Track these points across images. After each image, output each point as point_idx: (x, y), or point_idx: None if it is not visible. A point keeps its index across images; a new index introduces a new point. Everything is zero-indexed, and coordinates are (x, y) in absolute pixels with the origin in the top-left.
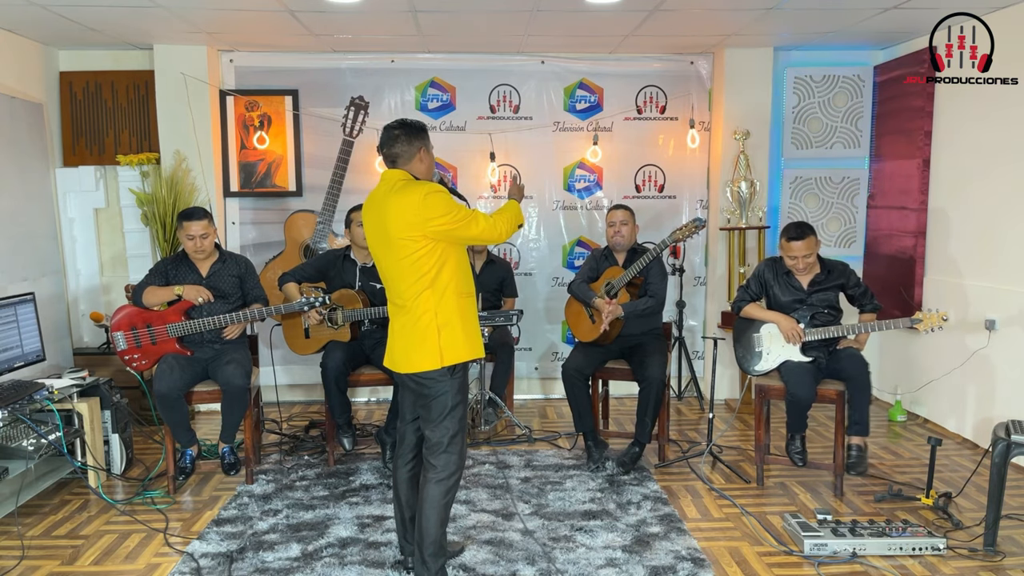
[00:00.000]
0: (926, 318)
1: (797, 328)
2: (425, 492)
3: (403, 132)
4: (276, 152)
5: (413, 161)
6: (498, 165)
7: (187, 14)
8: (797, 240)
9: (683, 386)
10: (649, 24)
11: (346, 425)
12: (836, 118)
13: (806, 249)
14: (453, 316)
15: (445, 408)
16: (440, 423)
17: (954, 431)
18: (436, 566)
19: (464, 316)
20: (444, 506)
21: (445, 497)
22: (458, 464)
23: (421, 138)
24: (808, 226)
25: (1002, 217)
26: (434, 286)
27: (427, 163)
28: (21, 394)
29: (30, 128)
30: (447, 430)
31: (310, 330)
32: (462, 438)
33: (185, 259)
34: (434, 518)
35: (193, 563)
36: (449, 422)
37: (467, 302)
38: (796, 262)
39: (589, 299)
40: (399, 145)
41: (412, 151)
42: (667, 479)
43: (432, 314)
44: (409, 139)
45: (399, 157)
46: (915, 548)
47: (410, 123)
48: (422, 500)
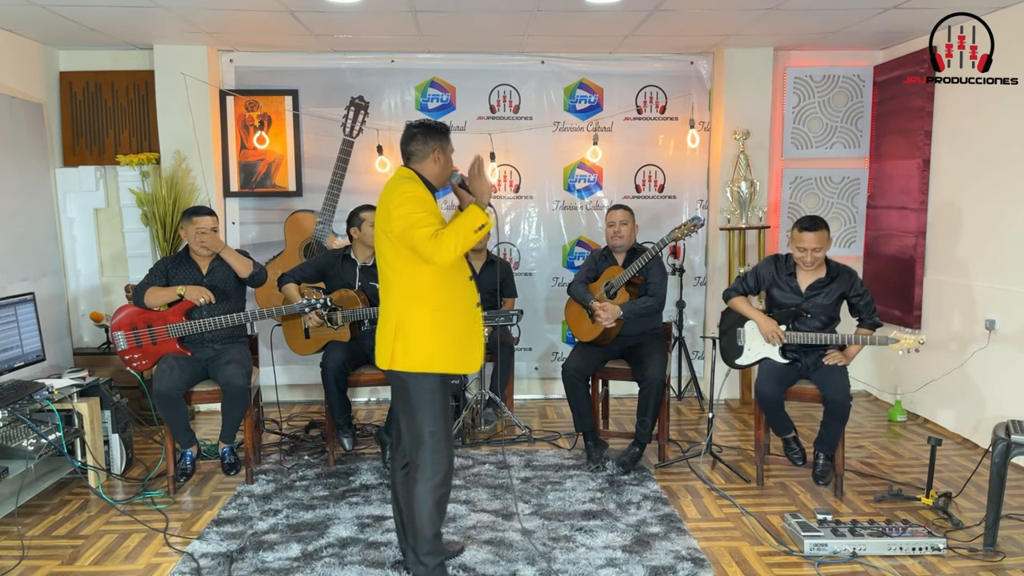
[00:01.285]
0: (903, 339)
1: (777, 330)
2: (413, 492)
3: (420, 131)
4: (276, 152)
5: (426, 161)
6: (498, 165)
7: (187, 14)
8: (809, 231)
9: (683, 386)
10: (649, 24)
11: (346, 425)
12: (836, 118)
13: (817, 242)
14: (414, 327)
15: (419, 405)
16: (412, 419)
17: (954, 431)
18: (433, 563)
19: (437, 330)
20: (434, 508)
21: (433, 499)
22: (443, 467)
23: (438, 140)
24: (822, 220)
25: (1002, 217)
26: (403, 292)
27: (441, 165)
28: (21, 394)
29: (30, 128)
30: (420, 427)
31: (310, 330)
32: (441, 440)
33: (186, 258)
34: (425, 519)
35: (193, 563)
36: (421, 418)
37: (445, 316)
38: (805, 254)
39: (587, 302)
40: (414, 143)
41: (426, 151)
42: (667, 479)
43: (396, 317)
44: (425, 139)
45: (413, 155)
46: (915, 548)
47: (431, 124)
48: (411, 500)
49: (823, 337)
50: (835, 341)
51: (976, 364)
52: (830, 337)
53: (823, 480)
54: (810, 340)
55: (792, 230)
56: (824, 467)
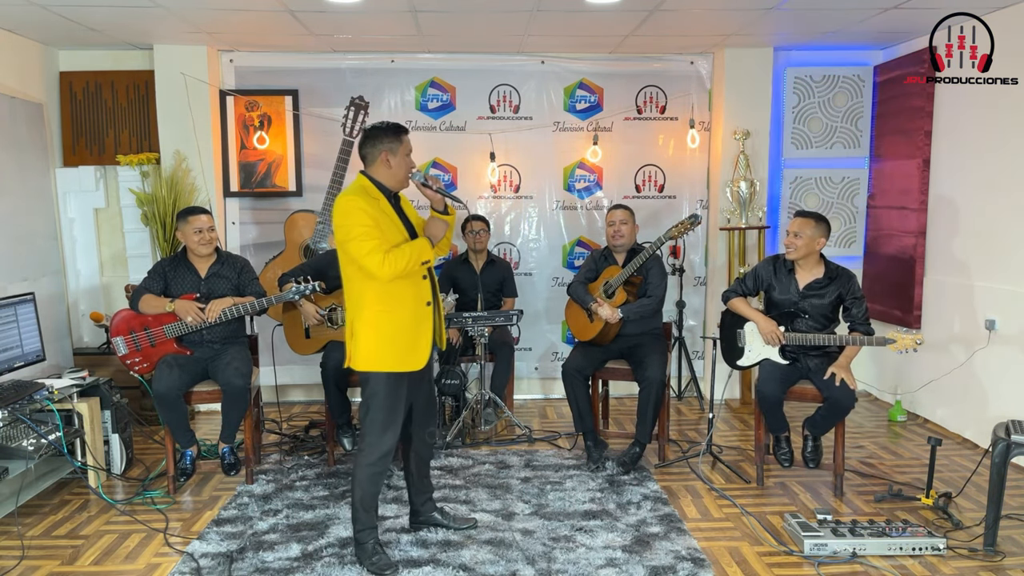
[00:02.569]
0: (900, 339)
1: (776, 331)
2: (354, 469)
3: (370, 134)
4: (276, 152)
5: (376, 164)
6: (498, 165)
7: (187, 14)
8: (798, 217)
9: (683, 386)
10: (649, 24)
11: (346, 425)
12: (836, 118)
13: (797, 227)
14: (362, 326)
15: (364, 389)
16: (364, 405)
17: (954, 431)
18: (367, 540)
19: (378, 328)
20: (367, 481)
21: (366, 474)
22: (380, 451)
23: (385, 142)
24: (814, 213)
25: (1002, 217)
26: (352, 296)
27: (395, 168)
28: (21, 394)
29: (30, 128)
30: (365, 412)
31: (311, 330)
32: (380, 428)
33: (184, 260)
34: (357, 492)
35: (193, 563)
36: (365, 405)
37: (389, 315)
38: (788, 239)
39: (586, 304)
40: (365, 147)
41: (375, 154)
42: (667, 479)
43: (351, 319)
44: (374, 142)
45: (365, 159)
46: (915, 548)
47: (380, 126)
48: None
49: (822, 338)
50: (834, 342)
51: (976, 364)
52: (829, 338)
53: (813, 462)
54: (809, 341)
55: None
56: (814, 449)
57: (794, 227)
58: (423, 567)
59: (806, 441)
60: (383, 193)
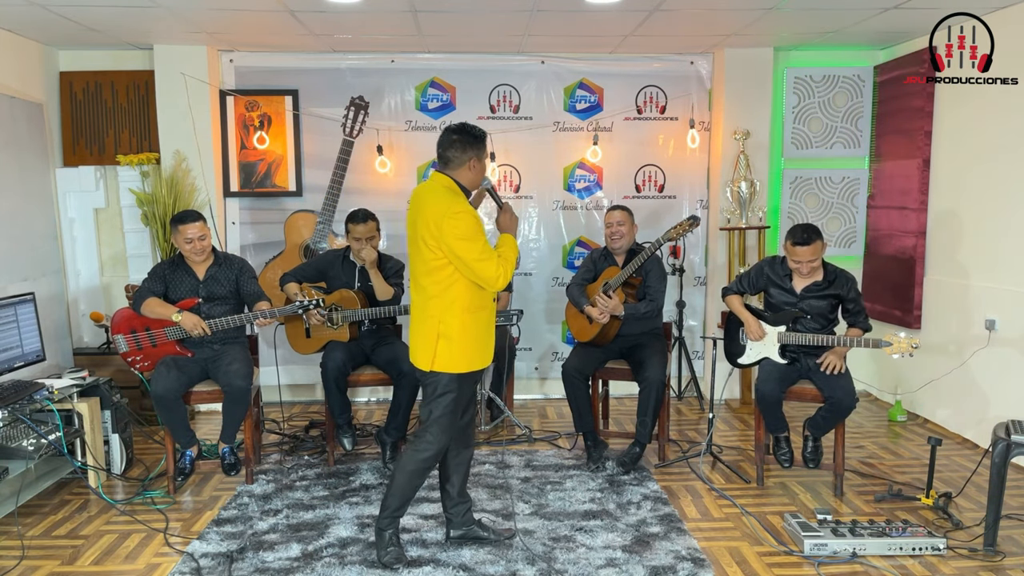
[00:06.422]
0: (896, 343)
1: (760, 331)
2: (402, 457)
3: (460, 139)
4: (276, 152)
5: (462, 169)
6: (498, 165)
7: (187, 14)
8: (803, 245)
9: (683, 386)
10: (649, 24)
11: (346, 425)
12: (836, 118)
13: (811, 255)
14: (453, 329)
15: (435, 390)
16: (431, 403)
17: (954, 431)
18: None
19: (467, 330)
20: (414, 474)
21: (415, 467)
22: (434, 446)
23: (476, 148)
24: (815, 230)
25: (1002, 217)
26: (443, 297)
27: (476, 173)
28: (21, 394)
29: (30, 128)
30: (430, 411)
31: (311, 329)
32: (446, 425)
33: (182, 263)
34: (402, 482)
35: (193, 563)
36: (434, 404)
37: (475, 317)
38: (800, 266)
39: (581, 306)
40: (453, 149)
41: (463, 159)
42: (667, 479)
43: (435, 321)
44: (463, 147)
45: (450, 161)
46: (915, 548)
47: (469, 130)
48: (397, 464)
49: (820, 338)
50: (831, 343)
51: (976, 364)
52: (827, 339)
53: (813, 462)
54: (807, 341)
55: (786, 242)
56: (814, 449)
57: (811, 254)
58: (423, 567)
59: (806, 441)
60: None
